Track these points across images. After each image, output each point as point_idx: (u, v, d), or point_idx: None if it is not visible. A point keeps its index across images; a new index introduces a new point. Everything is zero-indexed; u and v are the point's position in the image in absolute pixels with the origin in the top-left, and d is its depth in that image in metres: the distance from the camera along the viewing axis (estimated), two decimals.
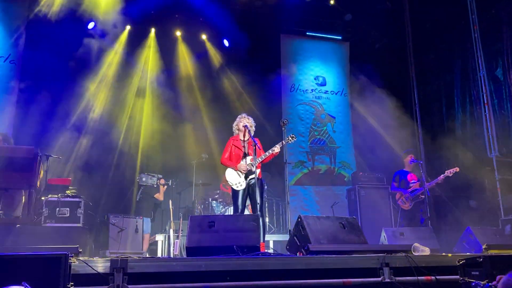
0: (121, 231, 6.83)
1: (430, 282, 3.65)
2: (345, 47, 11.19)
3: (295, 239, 4.57)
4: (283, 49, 10.75)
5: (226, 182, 6.32)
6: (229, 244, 3.97)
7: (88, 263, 3.10)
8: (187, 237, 4.18)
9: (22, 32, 8.71)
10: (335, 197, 9.59)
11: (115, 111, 9.01)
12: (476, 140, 8.50)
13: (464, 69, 9.09)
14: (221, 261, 3.47)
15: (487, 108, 8.22)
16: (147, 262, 3.40)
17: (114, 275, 3.13)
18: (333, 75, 10.96)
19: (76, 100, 8.73)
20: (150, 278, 3.26)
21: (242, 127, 6.07)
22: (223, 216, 6.53)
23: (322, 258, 3.75)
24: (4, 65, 8.49)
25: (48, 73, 8.48)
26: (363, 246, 4.49)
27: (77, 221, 6.07)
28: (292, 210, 6.95)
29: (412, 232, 6.05)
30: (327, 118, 10.64)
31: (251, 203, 5.99)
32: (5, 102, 8.35)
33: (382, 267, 3.65)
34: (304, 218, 4.55)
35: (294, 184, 9.94)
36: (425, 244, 4.62)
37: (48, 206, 5.99)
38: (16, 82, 8.53)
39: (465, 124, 9.01)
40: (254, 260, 3.60)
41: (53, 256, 2.72)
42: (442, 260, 3.88)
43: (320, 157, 10.36)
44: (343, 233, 4.58)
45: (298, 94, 10.65)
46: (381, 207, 8.46)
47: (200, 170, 8.49)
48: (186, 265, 3.38)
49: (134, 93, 9.41)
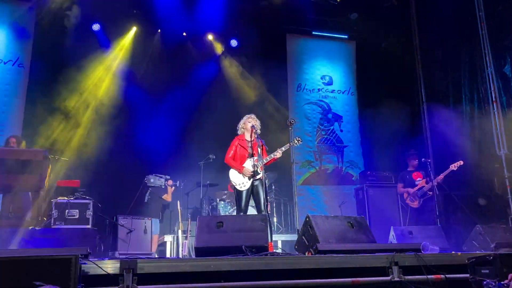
0: (130, 232, 6.87)
1: (440, 280, 3.64)
2: (352, 46, 11.16)
3: (303, 239, 4.57)
4: (289, 49, 10.74)
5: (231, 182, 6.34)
6: (237, 244, 3.98)
7: (98, 264, 3.12)
8: (196, 238, 4.19)
9: (30, 36, 8.78)
10: (343, 196, 9.58)
11: (123, 111, 9.04)
12: (485, 137, 8.44)
13: (472, 67, 9.01)
14: (230, 261, 3.48)
15: (495, 106, 8.16)
16: (157, 262, 3.42)
17: (123, 276, 3.14)
18: (339, 74, 10.93)
19: (84, 102, 8.78)
20: (160, 279, 3.27)
21: (249, 127, 6.08)
22: (232, 216, 6.54)
23: (330, 258, 3.75)
24: (13, 68, 8.57)
25: (56, 76, 8.54)
26: (372, 245, 4.47)
27: (86, 223, 6.11)
28: (300, 210, 6.93)
29: (421, 230, 6.02)
30: (334, 117, 10.62)
31: (256, 203, 6.00)
32: (14, 105, 8.43)
33: (391, 266, 3.64)
34: (312, 217, 4.55)
35: (301, 184, 9.92)
36: (434, 242, 4.61)
37: (57, 208, 6.04)
38: (24, 85, 8.61)
39: (473, 122, 8.94)
40: (263, 260, 3.61)
41: (64, 257, 2.74)
42: (452, 259, 3.86)
43: (327, 157, 10.35)
44: (352, 232, 4.57)
45: (304, 94, 10.63)
46: (389, 206, 8.42)
47: (208, 171, 8.51)
48: (195, 265, 3.39)
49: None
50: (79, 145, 8.43)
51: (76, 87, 8.84)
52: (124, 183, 8.56)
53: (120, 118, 8.93)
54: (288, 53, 10.72)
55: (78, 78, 8.88)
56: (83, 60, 8.93)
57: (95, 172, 8.22)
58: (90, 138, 8.60)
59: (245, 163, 6.00)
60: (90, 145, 8.54)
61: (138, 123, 9.11)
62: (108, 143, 8.59)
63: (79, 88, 8.88)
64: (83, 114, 8.80)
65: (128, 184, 8.44)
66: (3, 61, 8.53)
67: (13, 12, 8.74)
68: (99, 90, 9.09)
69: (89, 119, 8.79)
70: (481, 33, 8.49)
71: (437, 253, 4.21)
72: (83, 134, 8.59)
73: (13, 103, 8.43)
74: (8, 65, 8.55)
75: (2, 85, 8.41)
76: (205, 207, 8.25)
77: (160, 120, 9.29)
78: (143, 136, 8.95)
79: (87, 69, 9.00)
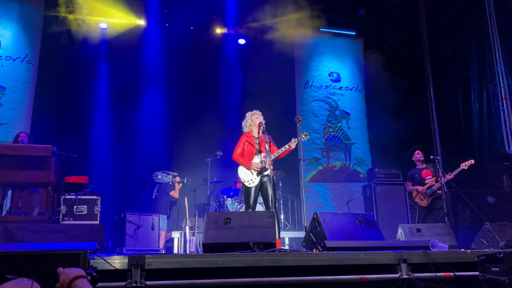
0: (138, 228, 6.90)
1: (449, 278, 3.62)
2: (360, 43, 11.10)
3: (311, 236, 4.56)
4: (297, 46, 10.71)
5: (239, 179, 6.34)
6: (245, 240, 3.98)
7: (106, 260, 3.14)
8: (204, 234, 4.19)
9: (38, 33, 8.82)
10: (350, 193, 9.55)
11: (131, 108, 9.07)
12: (494, 135, 8.38)
13: (481, 64, 8.93)
14: (237, 258, 3.48)
15: (504, 103, 8.09)
16: (165, 258, 3.43)
17: (132, 271, 3.16)
18: (347, 71, 10.89)
19: (92, 98, 8.82)
20: (168, 274, 3.28)
21: (257, 124, 6.09)
22: (239, 213, 6.54)
23: (338, 255, 3.74)
24: (22, 65, 8.61)
25: (64, 72, 8.58)
26: (380, 242, 4.46)
27: (95, 219, 6.13)
28: (307, 207, 6.92)
29: (429, 228, 5.97)
30: (341, 114, 10.58)
31: (264, 200, 6.00)
32: (23, 102, 8.47)
33: (399, 263, 3.62)
34: (320, 214, 4.54)
35: (309, 181, 9.90)
36: (442, 240, 4.57)
37: (65, 204, 6.06)
38: (33, 82, 8.65)
39: (482, 119, 8.87)
40: (271, 256, 3.61)
41: (73, 252, 2.75)
42: (461, 257, 3.84)
43: (335, 154, 10.32)
44: (360, 229, 4.56)
45: (312, 91, 10.60)
46: (397, 203, 8.39)
47: (215, 168, 8.52)
48: (203, 261, 3.40)
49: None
50: (87, 141, 8.47)
51: (84, 84, 8.87)
52: (132, 180, 8.60)
53: (129, 114, 8.97)
54: (296, 50, 10.69)
55: (86, 75, 8.93)
56: (90, 57, 8.97)
57: (103, 168, 8.28)
58: (99, 134, 8.64)
59: (253, 160, 6.01)
60: (98, 140, 8.59)
61: (146, 119, 9.13)
62: (116, 139, 8.64)
63: (87, 84, 8.92)
64: (91, 110, 8.84)
65: (135, 180, 8.48)
66: (12, 58, 8.57)
67: (21, 9, 8.79)
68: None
69: (97, 115, 8.83)
70: (490, 30, 8.42)
71: (446, 251, 4.18)
72: (92, 131, 8.62)
73: (22, 99, 8.47)
74: (17, 62, 8.59)
75: (10, 82, 8.46)
76: (212, 203, 8.27)
77: (168, 117, 9.33)
78: (151, 133, 8.99)
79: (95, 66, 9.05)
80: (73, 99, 8.68)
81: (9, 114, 8.34)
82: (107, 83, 9.17)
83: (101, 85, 9.09)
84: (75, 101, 8.71)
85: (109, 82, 9.18)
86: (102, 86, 9.11)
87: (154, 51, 9.62)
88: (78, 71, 8.82)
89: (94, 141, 8.62)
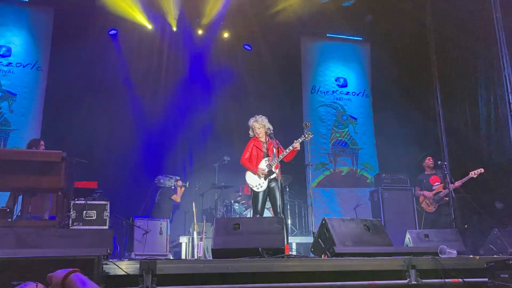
0: (146, 233, 6.93)
1: (458, 284, 3.62)
2: (366, 48, 11.14)
3: (319, 242, 4.58)
4: (304, 51, 10.76)
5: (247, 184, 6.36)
6: (254, 246, 4.00)
7: (118, 265, 3.17)
8: (213, 239, 4.22)
9: (48, 39, 8.92)
10: (357, 199, 9.54)
11: (139, 113, 9.13)
12: (501, 140, 8.34)
13: (488, 68, 8.91)
14: (247, 263, 3.50)
15: None
16: (176, 264, 3.46)
17: (143, 277, 3.18)
18: (354, 76, 10.92)
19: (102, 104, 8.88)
20: (178, 280, 3.31)
21: (265, 129, 6.13)
22: (248, 218, 6.57)
23: (347, 260, 3.75)
24: (32, 72, 8.71)
25: (74, 78, 8.66)
26: (389, 248, 4.46)
27: (104, 224, 6.18)
28: (314, 212, 6.93)
29: (437, 234, 5.95)
30: (348, 119, 10.60)
31: (272, 205, 6.02)
32: (33, 108, 8.57)
33: (408, 269, 3.63)
34: (329, 220, 4.55)
35: (316, 186, 9.91)
36: (451, 246, 4.56)
37: (75, 209, 6.12)
38: (43, 88, 8.74)
39: (489, 124, 8.84)
40: (280, 262, 3.63)
41: (87, 258, 2.79)
42: (470, 263, 3.84)
43: (342, 159, 10.33)
44: (368, 235, 4.57)
45: (319, 96, 10.63)
46: (404, 208, 8.36)
47: (222, 173, 8.56)
48: (213, 266, 3.42)
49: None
50: (97, 146, 8.52)
51: (93, 90, 8.94)
52: (139, 184, 8.65)
53: (137, 119, 9.03)
54: (302, 55, 10.74)
55: (95, 81, 9.00)
56: (100, 63, 9.04)
57: (111, 172, 8.33)
58: (108, 139, 8.69)
59: (260, 164, 6.04)
60: (107, 146, 8.64)
61: (155, 124, 9.19)
62: (124, 144, 8.69)
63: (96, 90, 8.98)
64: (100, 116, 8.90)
65: (142, 185, 8.53)
66: (22, 65, 8.68)
67: (32, 16, 8.90)
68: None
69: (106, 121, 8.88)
70: (497, 34, 8.40)
71: (455, 257, 4.18)
72: (101, 136, 8.67)
73: (32, 106, 8.57)
74: (27, 68, 8.69)
75: (21, 88, 8.57)
76: (219, 208, 8.30)
77: (176, 122, 9.38)
78: (159, 138, 9.04)
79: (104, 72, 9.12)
80: (82, 106, 8.72)
81: (20, 120, 8.44)
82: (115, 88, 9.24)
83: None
84: (84, 107, 8.75)
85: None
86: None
87: (164, 55, 9.69)
88: (87, 77, 8.88)
89: (103, 146, 8.65)
